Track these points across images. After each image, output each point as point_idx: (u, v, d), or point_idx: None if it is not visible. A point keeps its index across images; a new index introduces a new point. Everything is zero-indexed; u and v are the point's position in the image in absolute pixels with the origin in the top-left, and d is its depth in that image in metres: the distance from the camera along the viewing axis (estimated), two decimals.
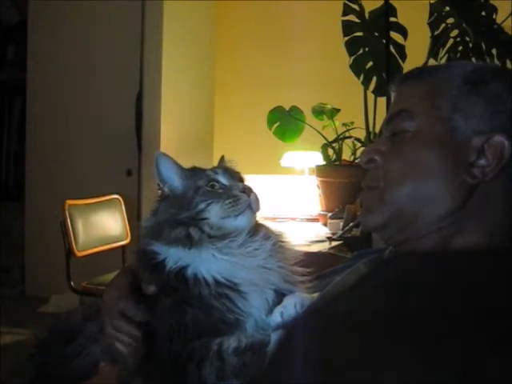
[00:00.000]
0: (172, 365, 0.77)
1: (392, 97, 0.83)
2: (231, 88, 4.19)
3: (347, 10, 2.90)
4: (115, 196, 3.19)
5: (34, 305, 3.61)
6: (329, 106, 3.09)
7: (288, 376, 0.42)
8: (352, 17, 2.90)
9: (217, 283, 0.79)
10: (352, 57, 2.87)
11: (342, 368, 0.40)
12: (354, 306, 0.44)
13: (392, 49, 2.77)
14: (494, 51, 2.76)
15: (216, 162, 0.96)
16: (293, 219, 2.97)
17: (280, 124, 3.09)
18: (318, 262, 0.92)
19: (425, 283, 0.44)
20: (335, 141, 3.01)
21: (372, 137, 2.88)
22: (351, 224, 2.38)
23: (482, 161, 0.71)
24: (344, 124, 3.04)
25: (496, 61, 2.72)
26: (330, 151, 3.01)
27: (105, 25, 3.79)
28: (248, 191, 0.85)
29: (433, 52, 2.83)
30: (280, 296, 0.81)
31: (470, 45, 2.78)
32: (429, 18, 2.86)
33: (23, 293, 4.01)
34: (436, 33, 2.86)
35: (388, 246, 0.85)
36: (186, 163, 0.93)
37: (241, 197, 0.84)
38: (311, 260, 0.90)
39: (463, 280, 0.43)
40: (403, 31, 2.88)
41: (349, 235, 2.36)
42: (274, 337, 0.75)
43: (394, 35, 2.82)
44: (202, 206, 0.83)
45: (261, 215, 0.92)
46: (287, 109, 3.09)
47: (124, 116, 3.76)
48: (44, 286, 3.77)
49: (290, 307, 0.78)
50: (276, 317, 0.78)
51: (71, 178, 3.82)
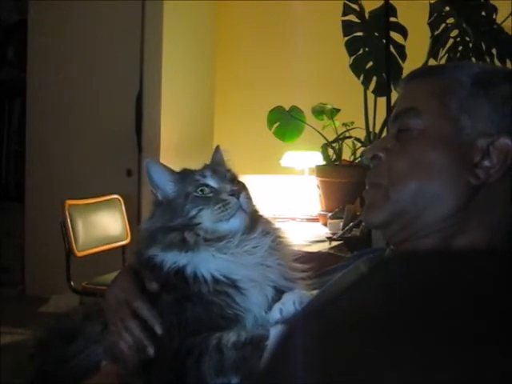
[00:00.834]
0: (172, 360, 0.77)
1: (399, 94, 0.83)
2: (231, 88, 4.19)
3: (347, 10, 2.90)
4: (115, 196, 3.19)
5: (34, 305, 3.61)
6: (329, 106, 3.09)
7: (287, 375, 0.42)
8: (352, 17, 2.90)
9: (215, 281, 0.80)
10: (352, 57, 2.88)
11: (342, 368, 0.40)
12: (354, 306, 0.44)
13: (392, 49, 2.77)
14: (494, 51, 2.76)
15: None
16: (293, 219, 2.97)
17: (280, 124, 3.09)
18: (318, 262, 0.92)
19: (425, 283, 0.44)
20: (335, 141, 3.01)
21: (372, 137, 2.88)
22: (351, 224, 2.38)
23: (487, 162, 0.71)
24: (344, 124, 3.04)
25: (496, 61, 2.72)
26: (330, 151, 3.01)
27: (105, 25, 3.79)
28: (237, 193, 0.84)
29: (433, 52, 2.83)
30: (279, 293, 0.82)
31: (470, 45, 2.78)
32: (429, 18, 2.86)
33: (23, 293, 4.01)
34: (436, 33, 2.86)
35: (389, 245, 0.85)
36: (186, 163, 0.93)
37: (230, 200, 0.83)
38: (311, 260, 0.90)
39: (464, 280, 0.43)
40: (403, 31, 2.88)
41: (349, 235, 2.36)
42: (273, 331, 0.75)
43: (394, 35, 2.82)
44: (194, 213, 0.83)
45: (258, 208, 0.92)
46: (287, 109, 3.09)
47: (124, 116, 3.76)
48: (44, 286, 3.77)
49: (289, 304, 0.78)
50: (275, 313, 0.78)
51: (71, 178, 3.82)
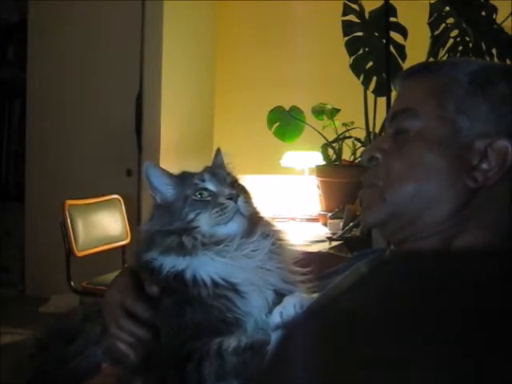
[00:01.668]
0: (172, 364, 0.77)
1: (396, 92, 0.82)
2: (231, 88, 4.19)
3: (347, 10, 2.90)
4: (115, 196, 3.19)
5: (34, 305, 3.61)
6: (329, 106, 3.09)
7: (288, 375, 0.42)
8: (352, 17, 2.91)
9: (215, 284, 0.79)
10: (352, 57, 2.88)
11: (342, 367, 0.40)
12: (354, 306, 0.44)
13: (392, 49, 2.77)
14: (494, 51, 2.76)
15: None
16: (293, 219, 2.97)
17: (280, 124, 3.09)
18: (318, 262, 0.91)
19: (424, 283, 0.44)
20: (335, 141, 3.01)
21: (372, 137, 2.88)
22: (351, 224, 2.38)
23: (485, 165, 0.70)
24: (344, 124, 3.04)
25: (496, 61, 2.72)
26: (330, 151, 3.01)
27: (105, 25, 3.79)
28: (235, 197, 0.84)
29: (433, 52, 2.83)
30: (280, 296, 0.81)
31: (470, 45, 2.78)
32: (429, 18, 2.86)
33: (23, 293, 4.01)
34: (436, 33, 2.86)
35: (389, 244, 0.85)
36: (186, 163, 0.93)
37: (227, 204, 0.83)
38: (311, 260, 0.90)
39: (463, 280, 0.43)
40: (403, 31, 2.88)
41: (349, 235, 2.36)
42: (275, 337, 0.75)
43: (394, 35, 2.82)
44: (192, 216, 0.83)
45: (258, 210, 0.91)
46: (287, 109, 3.09)
47: (124, 116, 3.76)
48: (44, 286, 3.77)
49: (290, 307, 0.78)
50: (275, 317, 0.78)
51: (71, 178, 3.82)
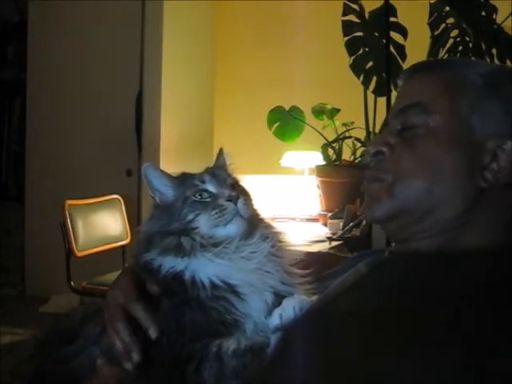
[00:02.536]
0: (171, 366, 0.76)
1: (400, 87, 0.80)
2: (231, 88, 4.19)
3: (347, 10, 2.90)
4: (115, 196, 3.19)
5: (34, 305, 3.61)
6: (329, 106, 3.09)
7: (287, 375, 0.42)
8: (352, 17, 2.91)
9: (214, 286, 0.79)
10: (352, 57, 2.88)
11: (342, 367, 0.40)
12: (354, 306, 0.44)
13: (392, 49, 2.77)
14: (494, 51, 2.76)
15: None
16: (293, 219, 2.97)
17: (280, 124, 3.09)
18: (318, 262, 0.91)
19: (424, 283, 0.44)
20: (335, 141, 3.01)
21: (372, 137, 2.88)
22: (351, 224, 2.38)
23: (495, 165, 0.70)
24: (344, 124, 3.04)
25: (496, 61, 2.72)
26: (330, 151, 3.01)
27: (105, 25, 3.79)
28: (235, 198, 0.84)
29: (433, 52, 2.82)
30: (279, 298, 0.81)
31: (470, 45, 2.78)
32: (429, 18, 2.86)
33: (23, 293, 4.01)
34: (436, 33, 2.86)
35: (388, 243, 0.84)
36: (186, 163, 0.93)
37: (227, 206, 0.83)
38: (311, 260, 0.90)
39: (463, 281, 0.43)
40: (403, 31, 2.88)
41: (349, 235, 2.36)
42: (274, 339, 0.75)
43: (394, 35, 2.82)
44: (191, 217, 0.83)
45: (259, 212, 0.91)
46: (287, 109, 3.09)
47: (124, 116, 3.76)
48: (44, 286, 3.77)
49: (289, 309, 0.78)
50: (275, 319, 0.78)
51: (71, 178, 3.82)
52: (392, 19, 2.79)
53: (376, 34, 2.88)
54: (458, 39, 2.84)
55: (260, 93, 3.98)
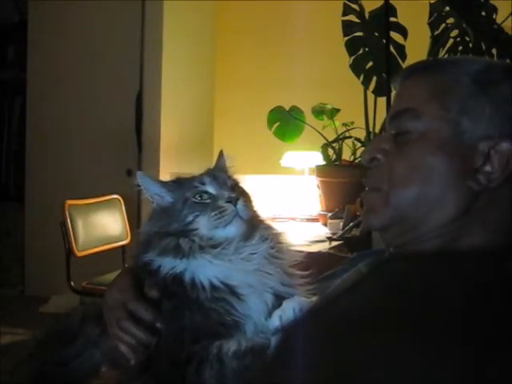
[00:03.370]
0: (171, 368, 0.76)
1: (396, 91, 0.80)
2: (231, 88, 4.19)
3: (347, 10, 2.90)
4: (115, 196, 3.19)
5: (34, 305, 3.61)
6: (329, 106, 3.09)
7: (288, 376, 0.42)
8: (352, 17, 2.91)
9: (213, 287, 0.79)
10: (352, 57, 2.88)
11: (342, 368, 0.40)
12: (354, 306, 0.44)
13: (392, 49, 2.77)
14: (494, 51, 2.75)
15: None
16: (293, 219, 2.97)
17: (280, 124, 3.09)
18: (318, 262, 0.91)
19: (425, 284, 0.44)
20: (335, 141, 3.01)
21: (372, 137, 2.88)
22: (351, 224, 2.38)
23: (488, 167, 0.70)
24: (344, 124, 3.04)
25: (497, 60, 2.72)
26: (330, 151, 3.01)
27: (105, 25, 3.79)
28: (234, 200, 0.84)
29: (433, 52, 2.82)
30: (279, 299, 0.81)
31: (470, 45, 2.78)
32: (429, 18, 2.86)
33: (23, 293, 4.01)
34: (436, 33, 2.86)
35: (388, 248, 0.84)
36: (186, 163, 0.93)
37: (226, 208, 0.83)
38: (311, 260, 0.90)
39: (463, 281, 0.43)
40: (403, 31, 2.88)
41: (349, 235, 2.36)
42: (275, 340, 0.75)
43: (394, 35, 2.82)
44: (191, 218, 0.83)
45: (259, 213, 0.91)
46: (287, 109, 3.09)
47: (124, 116, 3.76)
48: (44, 286, 3.77)
49: (289, 311, 0.78)
50: (275, 320, 0.78)
51: (71, 178, 3.82)
52: (392, 19, 2.79)
53: (376, 34, 2.88)
54: (458, 39, 2.84)
55: (260, 93, 3.98)
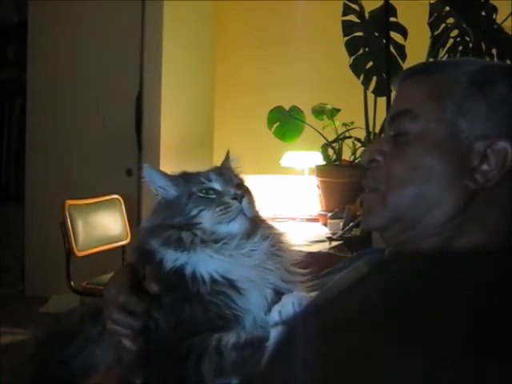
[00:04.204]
0: (171, 360, 0.77)
1: (394, 92, 0.81)
2: (231, 88, 4.19)
3: (347, 10, 2.90)
4: (115, 196, 3.19)
5: (34, 305, 3.61)
6: (329, 106, 3.09)
7: (287, 375, 0.42)
8: (352, 17, 2.91)
9: (214, 281, 0.80)
10: (352, 57, 2.88)
11: (342, 368, 0.40)
12: (354, 306, 0.44)
13: (392, 49, 2.77)
14: (494, 51, 2.76)
15: (216, 162, 0.97)
16: (293, 219, 2.97)
17: (280, 124, 3.09)
18: (318, 262, 0.92)
19: (425, 283, 0.43)
20: (335, 141, 3.01)
21: (372, 137, 2.88)
22: (351, 224, 2.38)
23: (485, 166, 0.70)
24: (344, 124, 3.04)
25: (496, 61, 2.72)
26: (330, 151, 3.01)
27: (105, 25, 3.80)
28: (239, 197, 0.85)
29: (433, 52, 2.83)
30: (279, 295, 0.82)
31: (470, 45, 2.78)
32: (429, 18, 2.86)
33: (23, 293, 4.01)
34: (436, 33, 2.86)
35: (388, 247, 0.85)
36: (186, 163, 0.93)
37: (232, 204, 0.84)
38: (311, 260, 0.90)
39: (464, 280, 0.43)
40: (403, 31, 2.88)
41: (349, 235, 2.36)
42: (274, 333, 0.75)
43: (394, 35, 2.82)
44: (195, 212, 0.84)
45: (261, 213, 0.92)
46: (287, 109, 3.09)
47: (124, 116, 3.76)
48: (44, 286, 3.77)
49: (289, 306, 0.78)
50: (274, 315, 0.78)
51: (71, 178, 3.82)
52: (392, 19, 2.79)
53: (376, 34, 2.88)
54: (458, 39, 2.84)
55: (260, 93, 3.98)
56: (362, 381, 0.38)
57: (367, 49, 2.88)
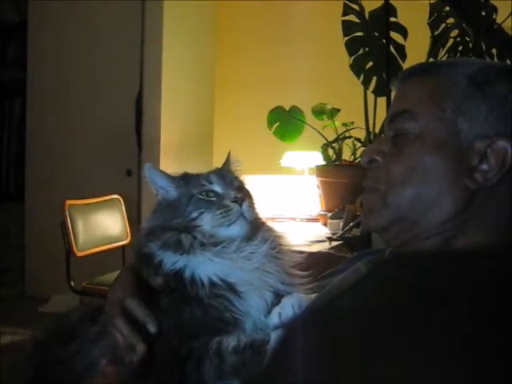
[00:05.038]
0: (171, 363, 0.77)
1: (394, 93, 0.82)
2: (231, 88, 4.19)
3: (347, 10, 2.90)
4: (115, 196, 3.19)
5: (34, 305, 3.61)
6: (329, 106, 3.09)
7: (287, 376, 0.42)
8: (352, 17, 2.91)
9: (213, 284, 0.80)
10: (352, 57, 2.88)
11: (342, 368, 0.40)
12: (354, 306, 0.44)
13: (392, 49, 2.77)
14: (494, 51, 2.76)
15: (216, 162, 0.97)
16: (293, 219, 2.97)
17: (280, 124, 3.09)
18: (318, 262, 0.91)
19: (425, 283, 0.43)
20: (335, 141, 3.01)
21: (372, 137, 2.88)
22: (351, 224, 2.38)
23: (485, 166, 0.70)
24: (344, 124, 3.04)
25: (496, 61, 2.72)
26: (330, 151, 3.01)
27: (105, 25, 3.80)
28: (240, 200, 0.84)
29: (433, 52, 2.83)
30: (278, 297, 0.81)
31: (470, 45, 2.78)
32: (429, 18, 2.86)
33: (23, 293, 4.01)
34: (436, 33, 2.86)
35: (388, 248, 0.84)
36: (186, 163, 0.93)
37: (232, 207, 0.83)
38: (311, 260, 0.90)
39: (464, 280, 0.43)
40: (403, 31, 2.88)
41: (349, 235, 2.36)
42: (274, 336, 0.75)
43: (394, 35, 2.82)
44: (195, 215, 0.84)
45: (261, 215, 0.92)
46: (287, 109, 3.09)
47: (124, 116, 3.76)
48: (44, 286, 3.77)
49: (288, 308, 0.78)
50: (274, 317, 0.78)
51: (71, 178, 3.82)
52: (392, 19, 2.79)
53: (376, 34, 2.88)
54: (458, 39, 2.84)
55: (260, 93, 3.98)
56: (362, 381, 0.38)
57: (367, 49, 2.88)
